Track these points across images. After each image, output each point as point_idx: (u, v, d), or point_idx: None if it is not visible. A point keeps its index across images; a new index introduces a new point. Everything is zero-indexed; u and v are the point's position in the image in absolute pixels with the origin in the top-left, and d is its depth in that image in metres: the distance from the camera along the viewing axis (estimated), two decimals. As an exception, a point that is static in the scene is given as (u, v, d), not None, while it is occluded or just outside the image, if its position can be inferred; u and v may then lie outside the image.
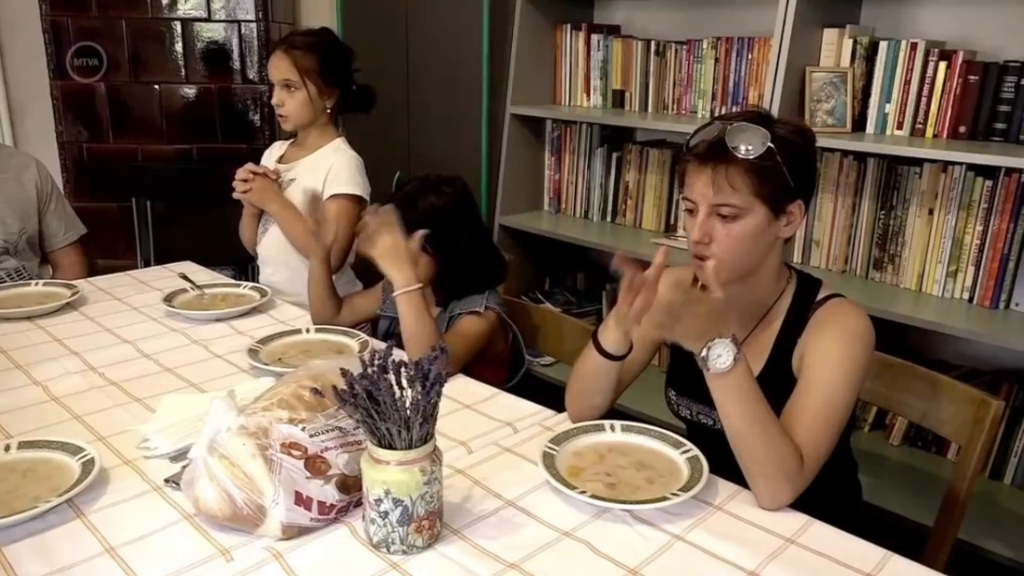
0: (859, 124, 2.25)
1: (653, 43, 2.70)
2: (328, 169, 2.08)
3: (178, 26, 3.47)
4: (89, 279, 2.18)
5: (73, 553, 1.02)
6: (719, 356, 1.10)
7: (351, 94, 2.15)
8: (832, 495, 1.22)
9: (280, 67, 2.04)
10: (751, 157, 1.16)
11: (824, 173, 2.33)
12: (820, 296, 1.28)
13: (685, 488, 1.14)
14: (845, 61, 2.24)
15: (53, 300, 1.93)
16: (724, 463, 1.19)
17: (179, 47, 3.50)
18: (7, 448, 1.22)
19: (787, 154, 1.17)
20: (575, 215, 3.01)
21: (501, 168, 2.95)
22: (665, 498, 1.11)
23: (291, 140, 2.23)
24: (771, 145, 1.16)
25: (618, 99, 2.82)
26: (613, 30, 2.88)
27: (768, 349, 1.29)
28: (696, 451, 1.23)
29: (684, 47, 2.62)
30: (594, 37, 2.84)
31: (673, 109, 2.68)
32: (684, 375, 1.36)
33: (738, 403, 1.13)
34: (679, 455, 1.24)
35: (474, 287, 1.72)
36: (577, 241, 2.77)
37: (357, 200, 2.09)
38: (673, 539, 1.07)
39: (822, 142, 2.20)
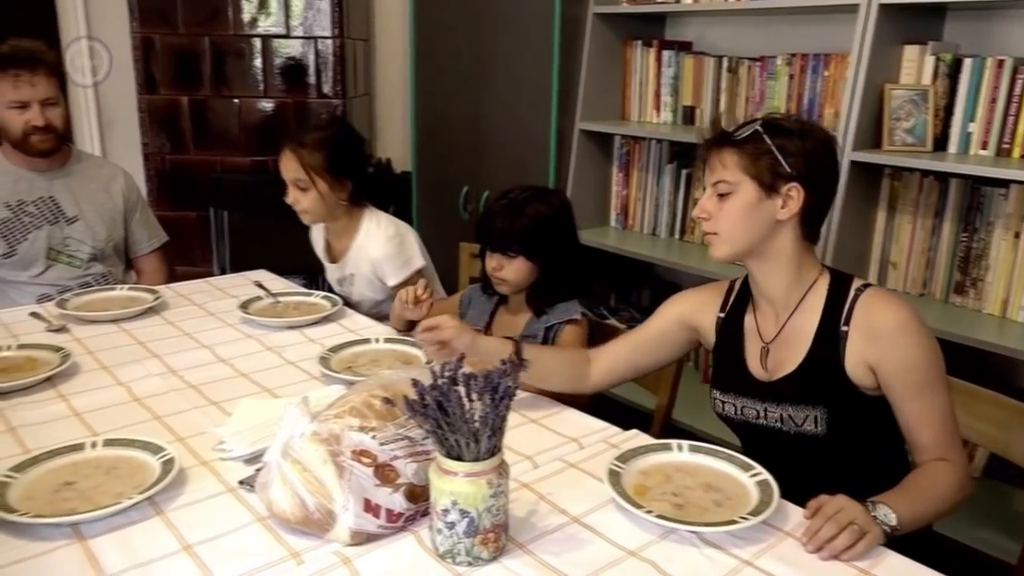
0: (940, 143, 2.18)
1: (725, 59, 2.68)
2: (373, 265, 2.11)
3: (258, 42, 3.59)
4: (169, 285, 2.26)
5: (152, 549, 1.06)
6: (886, 515, 1.12)
7: (365, 182, 2.16)
8: None
9: (289, 166, 2.03)
10: (740, 138, 1.28)
11: (902, 193, 2.26)
12: (854, 287, 1.33)
13: (755, 512, 1.12)
14: (926, 78, 2.18)
15: (136, 304, 2.01)
16: (772, 459, 1.24)
17: (258, 63, 3.62)
18: (93, 445, 1.27)
19: (779, 137, 1.27)
20: (642, 231, 2.99)
21: (569, 184, 2.95)
22: (734, 521, 1.09)
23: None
24: (758, 128, 1.27)
25: (688, 115, 2.80)
26: (684, 46, 2.86)
27: (809, 338, 1.33)
28: (766, 475, 1.20)
29: (757, 63, 2.59)
30: (665, 53, 2.83)
31: (745, 126, 2.64)
32: (725, 374, 1.45)
33: (924, 518, 1.20)
34: (748, 478, 1.21)
35: (564, 295, 1.77)
36: (644, 258, 2.75)
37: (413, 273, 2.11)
38: (742, 564, 1.05)
39: (901, 161, 2.15)
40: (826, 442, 1.33)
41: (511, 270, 1.75)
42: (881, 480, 1.22)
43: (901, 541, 1.11)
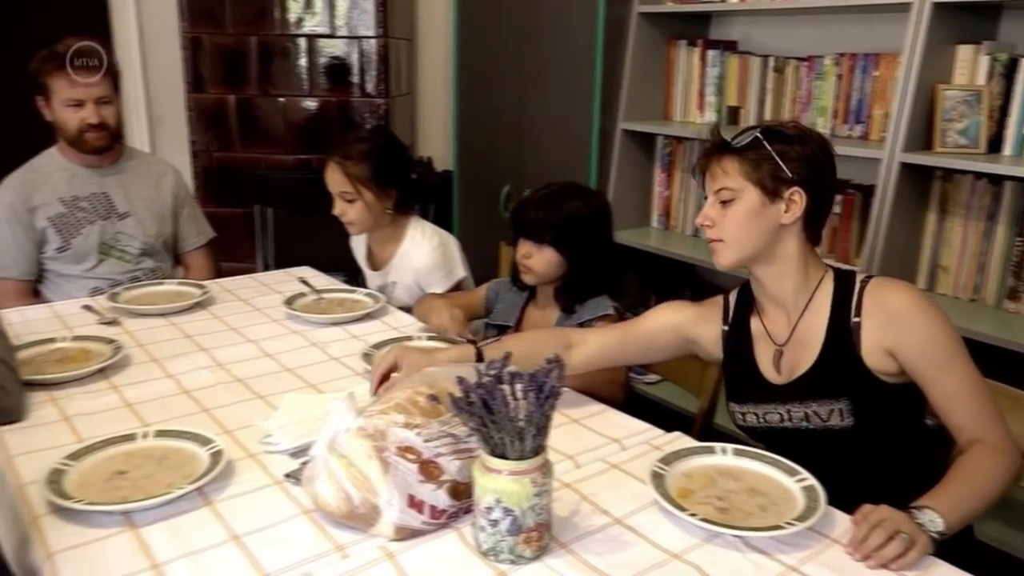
0: (994, 145, 2.13)
1: (771, 59, 2.64)
2: (416, 274, 2.12)
3: (303, 42, 3.64)
4: (216, 280, 2.30)
5: (202, 538, 1.08)
6: (931, 520, 1.10)
7: (411, 189, 2.16)
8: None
9: (334, 179, 2.04)
10: (740, 144, 1.29)
11: (953, 196, 2.21)
12: (859, 279, 1.34)
13: (801, 518, 1.10)
14: (980, 79, 2.13)
15: (184, 299, 2.05)
16: (802, 462, 1.23)
17: (303, 62, 3.66)
18: (144, 435, 1.30)
19: (779, 143, 1.28)
20: (684, 232, 2.96)
21: (610, 183, 2.94)
22: (780, 527, 1.08)
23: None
24: (758, 135, 1.28)
25: (733, 116, 2.77)
26: (729, 46, 2.83)
27: (821, 335, 1.33)
28: (812, 480, 1.19)
29: (804, 63, 2.55)
30: (710, 53, 2.81)
31: (791, 127, 2.61)
32: (740, 385, 1.44)
33: (972, 514, 1.17)
34: (794, 483, 1.20)
35: (594, 291, 1.77)
36: (685, 259, 2.73)
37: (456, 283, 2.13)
38: (787, 570, 1.04)
39: (952, 163, 2.10)
40: (854, 434, 1.32)
41: (539, 260, 1.75)
42: (911, 473, 1.22)
43: (943, 548, 1.09)
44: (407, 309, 2.07)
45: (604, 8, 2.86)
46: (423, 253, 2.11)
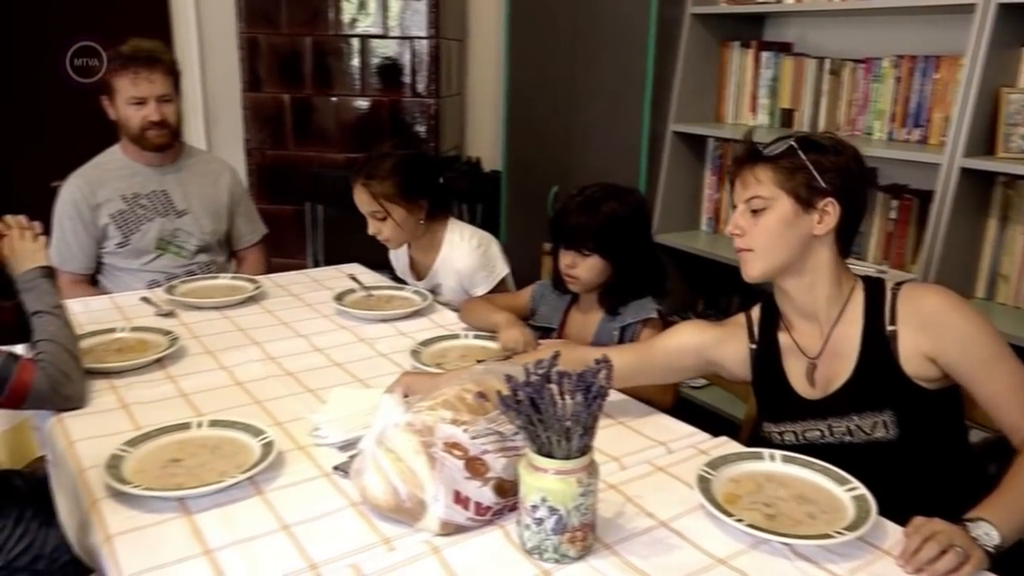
0: (1060, 151, 2.06)
1: (827, 61, 2.60)
2: (459, 276, 2.13)
3: (356, 42, 3.69)
4: (268, 276, 2.35)
5: (253, 526, 1.11)
6: (986, 534, 1.07)
7: (441, 195, 2.15)
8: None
9: (362, 200, 2.04)
10: (774, 153, 1.27)
11: (1016, 203, 2.15)
12: (889, 287, 1.32)
13: (851, 527, 1.08)
14: (1047, 82, 2.07)
15: (238, 293, 2.10)
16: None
17: (356, 62, 3.71)
18: (199, 425, 1.34)
19: (814, 153, 1.26)
20: (733, 236, 2.93)
21: (660, 185, 2.92)
22: (829, 535, 1.06)
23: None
24: (792, 143, 1.26)
25: (786, 118, 2.73)
26: (784, 47, 2.79)
27: (856, 346, 1.31)
28: (863, 490, 1.16)
29: (861, 65, 2.50)
30: (764, 55, 2.77)
31: (846, 130, 2.56)
32: (774, 403, 1.42)
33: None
34: (844, 492, 1.18)
35: (636, 293, 1.76)
36: (734, 263, 2.67)
37: (499, 282, 2.14)
38: (836, 579, 1.03)
39: (1016, 168, 2.05)
40: (900, 446, 1.29)
41: (584, 268, 1.74)
42: (959, 485, 1.20)
43: (998, 563, 1.06)
44: (455, 310, 2.08)
45: (656, 9, 2.84)
46: (464, 255, 2.12)
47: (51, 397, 1.41)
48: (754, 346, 1.44)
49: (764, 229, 1.28)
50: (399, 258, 2.32)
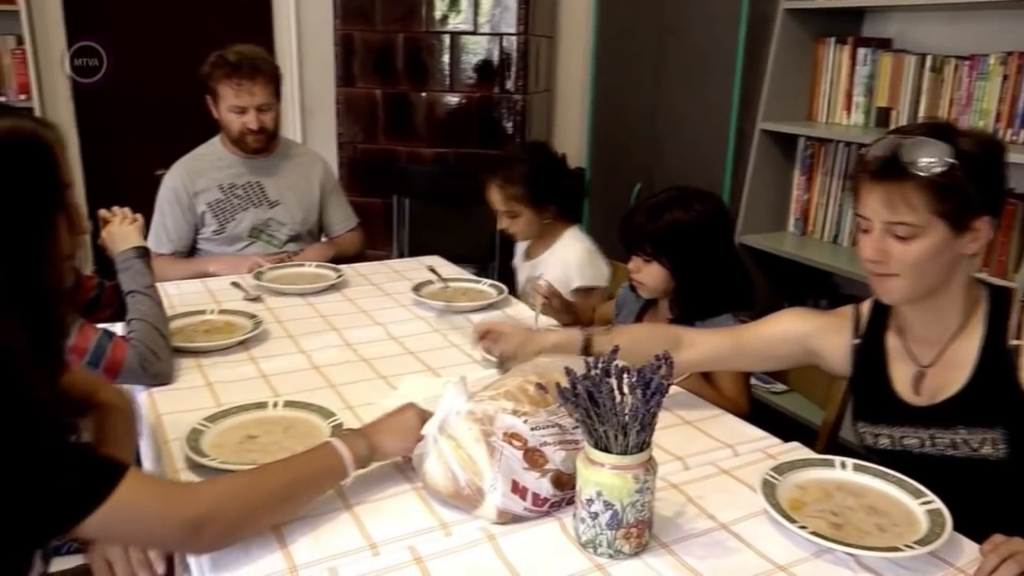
0: None
1: (929, 58, 2.48)
2: (564, 265, 2.23)
3: (447, 39, 3.75)
4: (351, 265, 2.42)
5: (319, 504, 1.14)
6: None
7: (568, 203, 2.29)
8: None
9: (495, 199, 2.21)
10: (931, 174, 1.12)
11: None
12: (1018, 299, 1.24)
13: (922, 542, 1.04)
14: None
15: (322, 281, 2.17)
16: (937, 492, 1.14)
17: (446, 58, 3.77)
18: (275, 405, 1.40)
19: (971, 169, 1.13)
20: (822, 239, 2.83)
21: (746, 185, 2.86)
22: (898, 548, 1.02)
23: None
24: (953, 160, 1.12)
25: (883, 118, 2.62)
26: (883, 44, 2.68)
27: (972, 357, 1.23)
28: (939, 504, 1.11)
29: (966, 63, 2.38)
30: (860, 51, 2.66)
31: (947, 130, 2.44)
32: (872, 404, 1.35)
33: None
34: (918, 505, 1.13)
35: (713, 308, 1.68)
36: (823, 266, 2.61)
37: (590, 289, 2.22)
38: (902, 594, 0.99)
39: None
40: (1007, 466, 1.21)
41: (646, 274, 1.71)
42: None
43: None
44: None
45: (748, 4, 2.78)
46: (575, 251, 2.24)
47: (140, 374, 1.49)
48: (857, 341, 1.37)
49: (912, 257, 1.16)
50: (519, 248, 2.45)
